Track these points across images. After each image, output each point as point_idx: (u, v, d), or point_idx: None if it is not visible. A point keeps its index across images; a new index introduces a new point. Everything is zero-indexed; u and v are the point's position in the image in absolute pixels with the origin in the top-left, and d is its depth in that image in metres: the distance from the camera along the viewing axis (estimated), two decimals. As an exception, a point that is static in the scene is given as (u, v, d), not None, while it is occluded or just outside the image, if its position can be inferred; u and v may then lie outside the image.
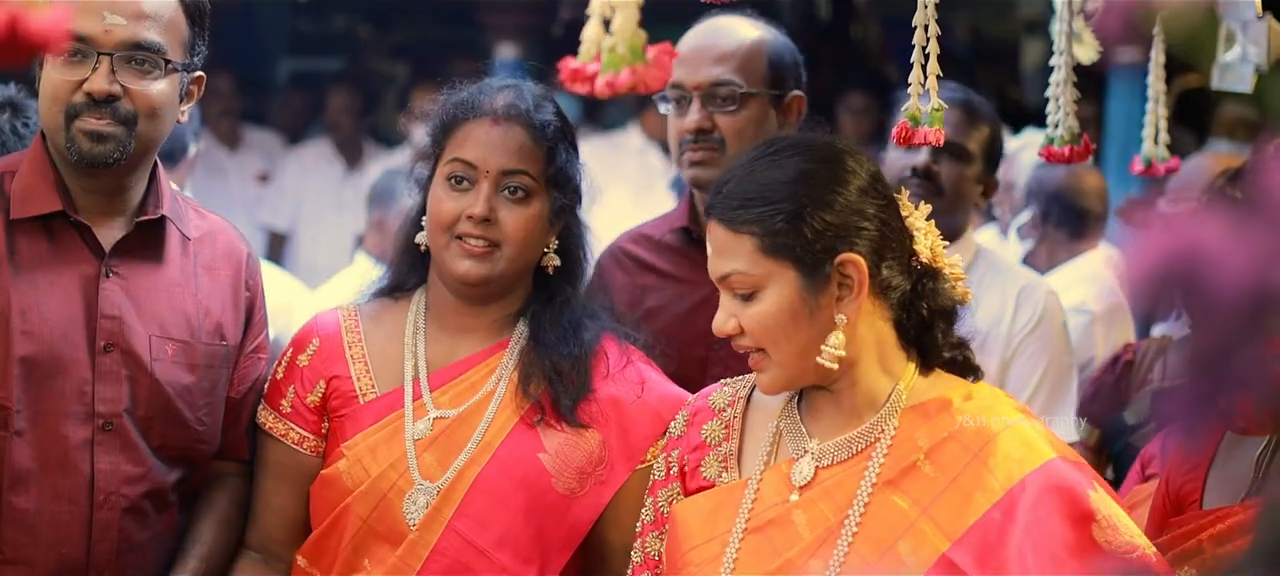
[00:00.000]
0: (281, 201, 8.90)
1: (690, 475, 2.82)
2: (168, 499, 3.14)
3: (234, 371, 3.22)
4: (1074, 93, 3.37)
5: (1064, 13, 3.32)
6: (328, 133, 9.11)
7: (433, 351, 3.13)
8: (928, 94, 2.93)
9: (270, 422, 3.17)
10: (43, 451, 3.00)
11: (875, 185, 2.67)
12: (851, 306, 2.61)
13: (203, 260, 3.20)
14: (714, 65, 3.66)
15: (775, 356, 2.63)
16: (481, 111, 3.06)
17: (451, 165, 3.05)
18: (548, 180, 3.06)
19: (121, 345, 3.05)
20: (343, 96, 9.10)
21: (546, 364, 3.07)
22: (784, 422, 2.75)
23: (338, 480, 3.06)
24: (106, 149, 2.99)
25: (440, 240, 3.06)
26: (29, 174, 3.06)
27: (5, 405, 2.98)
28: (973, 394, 2.68)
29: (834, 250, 2.60)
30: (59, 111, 3.00)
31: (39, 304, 3.01)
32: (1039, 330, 4.06)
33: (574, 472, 3.03)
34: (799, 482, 2.66)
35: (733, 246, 2.63)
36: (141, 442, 3.08)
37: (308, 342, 3.18)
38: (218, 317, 3.19)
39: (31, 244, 3.03)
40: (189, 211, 3.25)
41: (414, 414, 3.07)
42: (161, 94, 3.04)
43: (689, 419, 2.88)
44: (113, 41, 2.98)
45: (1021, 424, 2.63)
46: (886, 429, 2.64)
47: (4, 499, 2.98)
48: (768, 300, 2.61)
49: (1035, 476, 2.54)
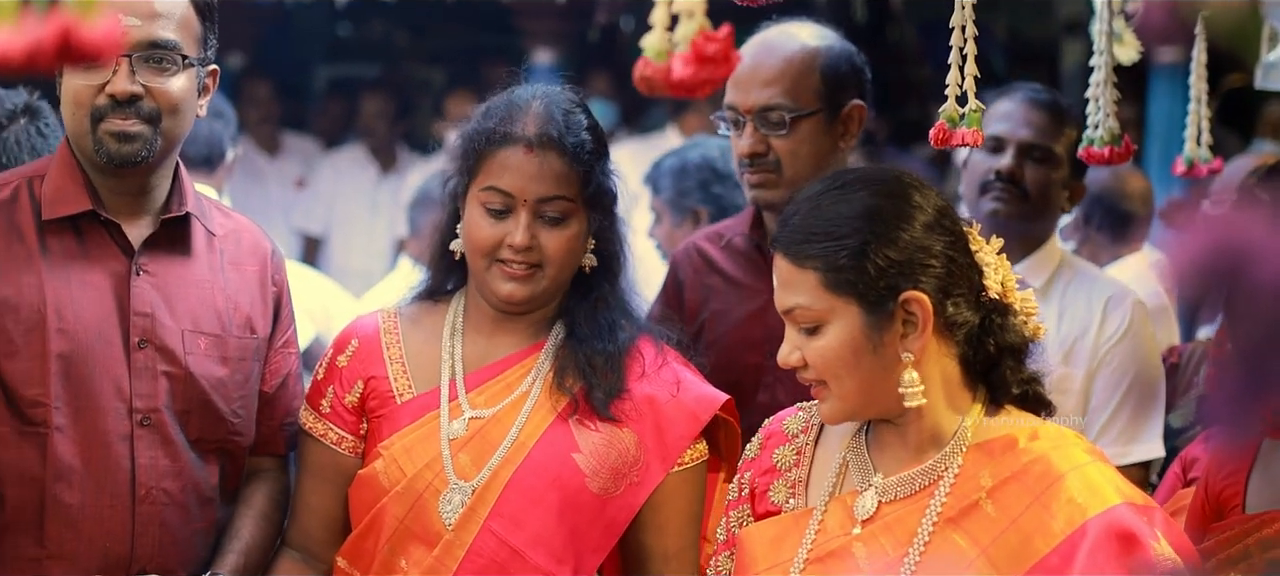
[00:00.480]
0: (316, 206, 8.94)
1: (759, 498, 2.81)
2: (207, 493, 3.17)
3: (265, 365, 3.26)
4: (1114, 93, 3.35)
5: (1104, 13, 3.30)
6: (362, 138, 9.14)
7: (469, 352, 3.14)
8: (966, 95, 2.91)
9: (310, 422, 3.19)
10: (84, 447, 3.03)
11: (942, 220, 2.62)
12: (916, 343, 2.56)
13: (229, 256, 3.24)
14: (764, 88, 3.61)
15: (836, 390, 2.60)
16: (514, 139, 3.04)
17: (488, 194, 3.05)
18: (585, 201, 3.06)
19: (155, 341, 3.09)
20: (377, 102, 9.13)
21: (581, 358, 3.08)
22: (850, 454, 2.72)
23: (374, 480, 3.08)
24: (134, 148, 3.03)
25: (480, 264, 3.07)
26: (58, 176, 3.10)
27: (44, 402, 3.01)
28: (1040, 433, 2.61)
29: (898, 288, 2.55)
30: (84, 116, 3.04)
31: (73, 302, 3.04)
32: (1126, 340, 3.95)
33: (609, 472, 3.03)
34: (861, 516, 2.63)
35: (797, 280, 2.60)
36: (179, 437, 3.11)
37: (347, 343, 3.20)
38: (247, 311, 3.22)
39: (63, 244, 3.07)
40: (212, 210, 3.30)
41: (450, 414, 3.08)
42: (181, 90, 3.08)
43: (763, 442, 2.86)
44: (130, 42, 3.02)
45: (1089, 466, 2.56)
46: (950, 466, 2.59)
47: (48, 494, 3.02)
48: (830, 335, 2.57)
49: (1097, 522, 2.47)
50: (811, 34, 3.70)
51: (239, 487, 3.29)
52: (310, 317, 5.60)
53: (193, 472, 3.14)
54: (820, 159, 3.55)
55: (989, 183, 4.01)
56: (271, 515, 3.29)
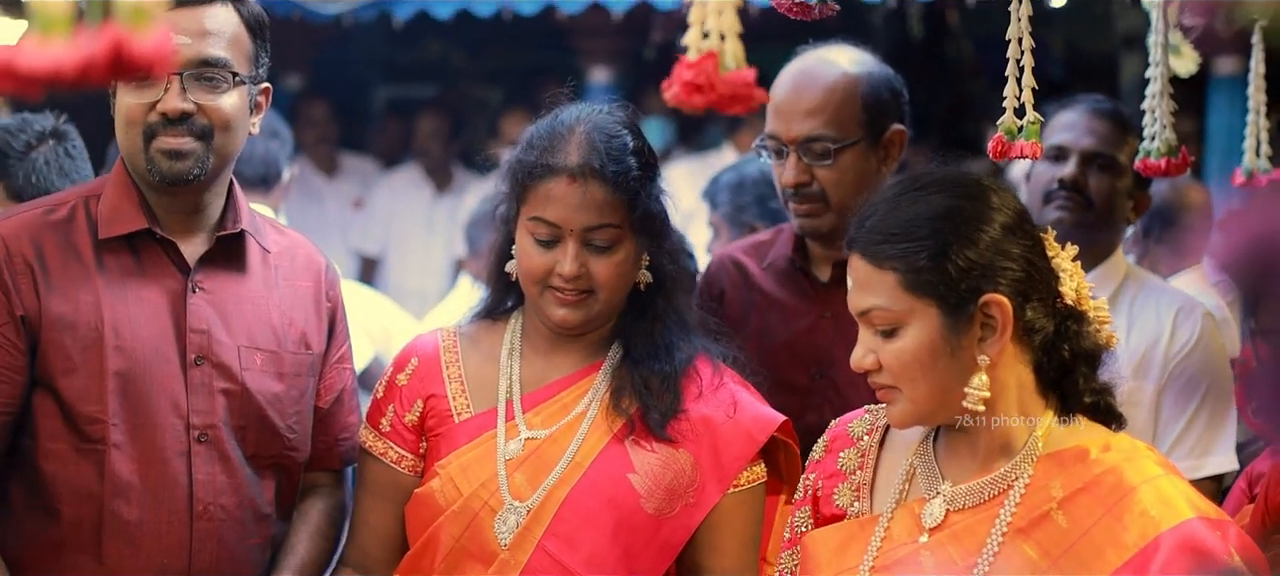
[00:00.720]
0: (372, 226, 8.97)
1: (823, 500, 2.79)
2: (263, 509, 3.19)
3: (320, 381, 3.28)
4: (1171, 105, 3.33)
5: (1159, 24, 3.28)
6: (418, 158, 9.18)
7: (527, 372, 3.14)
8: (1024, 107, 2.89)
9: (371, 441, 3.19)
10: (142, 464, 3.06)
11: (1021, 224, 2.60)
12: (994, 348, 2.54)
13: (283, 272, 3.26)
14: (806, 119, 3.58)
15: (909, 393, 2.57)
16: (556, 169, 3.02)
17: (535, 224, 3.04)
18: (633, 226, 3.04)
19: (211, 358, 3.11)
20: (432, 122, 9.17)
21: (637, 379, 3.07)
22: (918, 460, 2.69)
23: (431, 499, 3.08)
24: (186, 165, 3.06)
25: (533, 290, 3.07)
26: (113, 195, 3.13)
27: (102, 419, 3.03)
28: (1112, 444, 2.58)
29: (979, 290, 2.53)
30: (136, 134, 3.07)
31: (130, 320, 3.07)
32: (1197, 352, 3.90)
33: (663, 492, 3.02)
34: (929, 524, 2.60)
35: (875, 282, 2.57)
36: (236, 453, 3.14)
37: (407, 362, 3.20)
38: (302, 327, 3.25)
39: (119, 262, 3.10)
40: (267, 227, 3.32)
41: (506, 434, 3.08)
42: (233, 106, 3.10)
43: (828, 444, 2.84)
44: (180, 61, 3.04)
45: (1161, 479, 2.52)
46: (1021, 475, 2.56)
47: (106, 510, 3.04)
48: (908, 337, 2.54)
49: (1170, 536, 2.43)
50: (851, 60, 3.68)
51: (294, 503, 3.30)
52: (369, 337, 5.63)
53: (249, 488, 3.16)
54: (864, 185, 3.51)
55: (1052, 192, 3.97)
56: (326, 531, 3.32)
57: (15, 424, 3.05)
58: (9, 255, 3.04)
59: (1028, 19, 2.88)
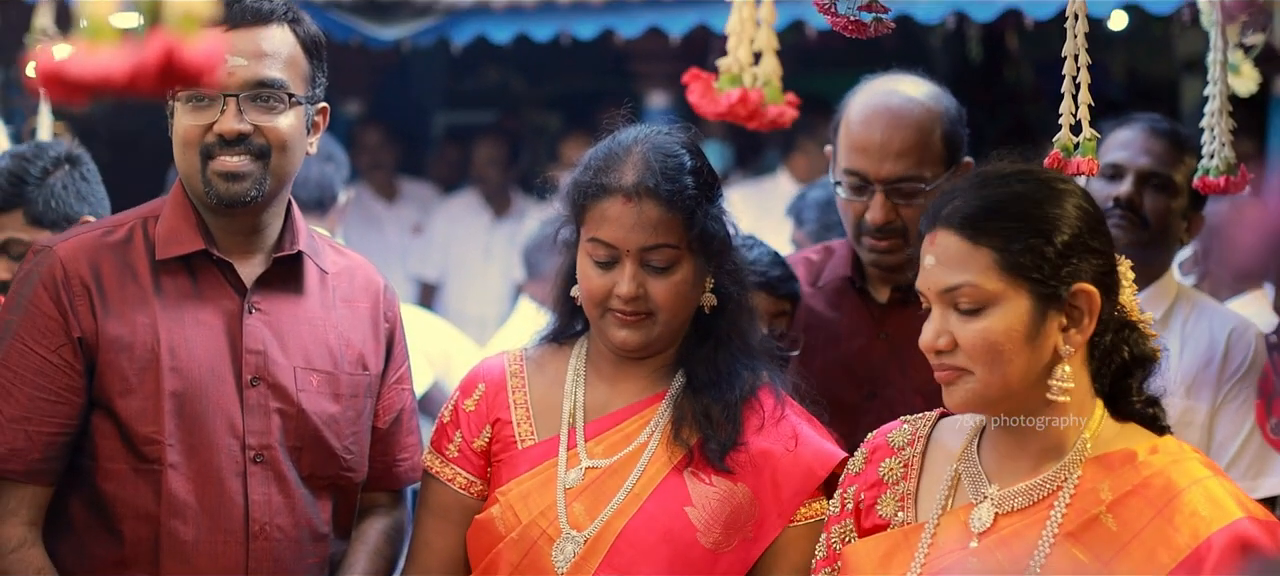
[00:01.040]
0: (431, 252, 9.01)
1: (865, 513, 2.77)
2: (320, 529, 3.20)
3: (378, 402, 3.28)
4: (1230, 122, 3.30)
5: (1218, 42, 3.26)
6: (476, 184, 9.21)
7: (591, 399, 3.12)
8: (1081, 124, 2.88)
9: (437, 467, 3.18)
10: (198, 484, 3.07)
11: (1102, 221, 2.62)
12: (1078, 338, 2.54)
13: (341, 293, 3.27)
14: (898, 160, 3.55)
15: (982, 376, 2.54)
16: (612, 189, 3.02)
17: (593, 245, 3.03)
18: (690, 245, 3.02)
19: (267, 378, 3.12)
20: (489, 148, 9.20)
21: (698, 410, 3.04)
22: (963, 466, 2.68)
23: (491, 525, 3.07)
24: (243, 187, 3.07)
25: (594, 312, 3.06)
26: (171, 216, 3.15)
27: (158, 439, 3.05)
28: (1160, 447, 2.58)
29: (1073, 278, 2.53)
30: (194, 155, 3.08)
31: (186, 341, 3.09)
32: (1252, 373, 3.88)
33: (721, 526, 2.99)
34: (978, 529, 2.59)
35: (968, 259, 2.54)
36: (292, 473, 3.14)
37: (474, 387, 3.20)
38: (359, 348, 3.25)
39: (176, 283, 3.12)
40: (325, 248, 3.33)
41: (567, 462, 3.06)
42: (290, 127, 3.11)
43: (868, 455, 2.83)
44: (237, 82, 3.06)
45: (1210, 480, 2.52)
46: (1070, 477, 2.56)
47: (163, 530, 3.06)
48: (995, 318, 2.52)
49: (1221, 536, 2.44)
50: (927, 94, 3.66)
51: (352, 524, 3.31)
52: (429, 362, 5.64)
53: (305, 508, 3.17)
54: None
55: (1107, 210, 3.95)
56: (384, 551, 3.32)
57: (74, 444, 3.08)
58: (66, 277, 3.07)
59: (1084, 36, 2.87)
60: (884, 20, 2.87)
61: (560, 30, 8.37)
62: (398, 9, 8.64)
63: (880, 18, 2.86)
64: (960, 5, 7.44)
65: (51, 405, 3.04)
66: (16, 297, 3.10)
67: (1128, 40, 9.03)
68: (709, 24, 7.74)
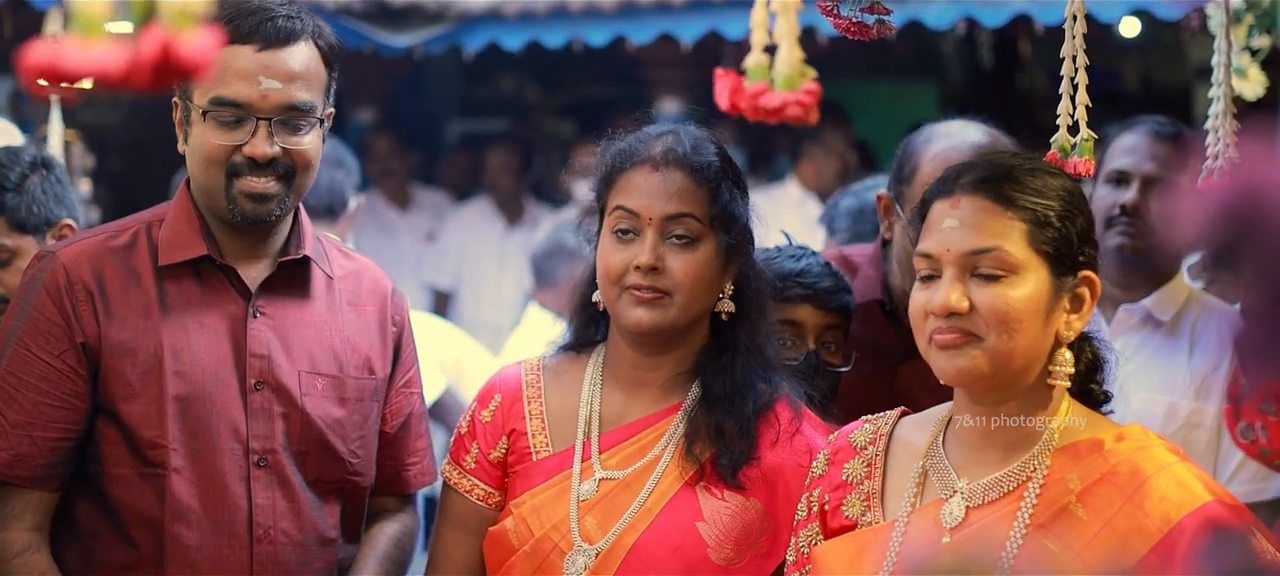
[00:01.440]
0: (444, 260, 9.02)
1: (831, 514, 2.77)
2: (326, 534, 3.20)
3: (386, 405, 3.29)
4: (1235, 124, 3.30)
5: (1222, 44, 3.26)
6: (489, 192, 9.22)
7: (607, 408, 3.10)
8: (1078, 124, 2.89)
9: (455, 478, 3.17)
10: (201, 488, 3.07)
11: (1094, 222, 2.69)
12: (1078, 325, 2.59)
13: (348, 297, 3.27)
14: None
15: (995, 343, 2.54)
16: (640, 159, 3.03)
17: (615, 215, 3.02)
18: (713, 221, 3.01)
19: (271, 382, 3.12)
20: (503, 155, 9.21)
21: (712, 424, 3.02)
22: (930, 462, 2.68)
23: (504, 537, 3.07)
24: (268, 208, 3.09)
25: (611, 293, 3.03)
26: (175, 221, 3.15)
27: (161, 443, 3.05)
28: (1125, 435, 2.60)
29: (1088, 263, 2.60)
30: (218, 173, 3.08)
31: (190, 345, 3.09)
32: None
33: (732, 542, 2.98)
34: (950, 524, 2.60)
35: (999, 225, 2.56)
36: (297, 477, 3.14)
37: (490, 398, 3.19)
38: (366, 352, 3.25)
39: (180, 288, 3.12)
40: (332, 252, 3.33)
41: (581, 474, 3.05)
42: (313, 145, 3.13)
43: (830, 457, 2.82)
44: (270, 105, 3.06)
45: (1176, 465, 2.55)
46: (1038, 468, 2.57)
47: (167, 534, 3.06)
48: (1016, 287, 2.54)
49: (1192, 519, 2.46)
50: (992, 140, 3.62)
51: (361, 528, 3.31)
52: (442, 369, 5.65)
53: (311, 513, 3.17)
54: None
55: (1114, 217, 3.97)
56: (394, 556, 3.32)
57: (80, 449, 3.09)
58: (69, 282, 3.08)
59: (1082, 37, 2.89)
60: (886, 21, 2.88)
61: (572, 37, 8.39)
62: (410, 16, 8.67)
63: (882, 19, 2.87)
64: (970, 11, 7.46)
65: (55, 410, 3.05)
66: (20, 303, 3.11)
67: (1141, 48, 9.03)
68: (720, 30, 7.76)
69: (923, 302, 2.60)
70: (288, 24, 3.09)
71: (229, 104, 3.05)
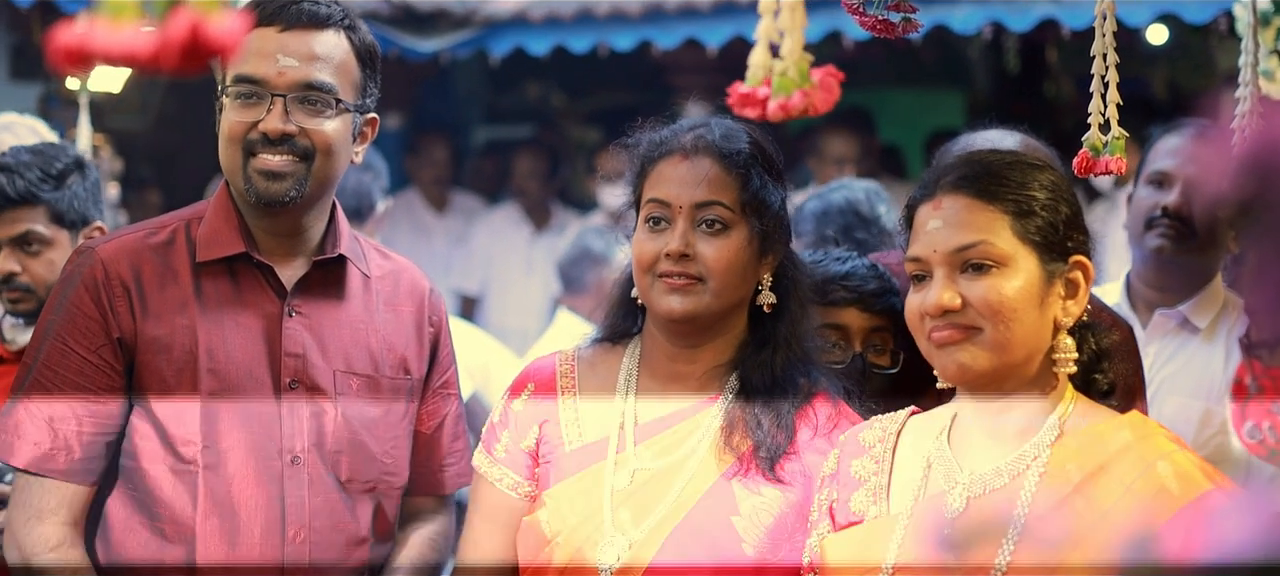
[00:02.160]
0: (472, 265, 9.03)
1: (839, 509, 2.78)
2: (359, 533, 3.20)
3: (422, 406, 3.29)
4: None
5: (1249, 44, 3.26)
6: (516, 197, 9.23)
7: (643, 400, 3.10)
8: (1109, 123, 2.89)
9: (485, 467, 3.17)
10: (233, 486, 3.08)
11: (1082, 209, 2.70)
12: (1075, 310, 2.59)
13: (385, 297, 3.27)
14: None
15: (992, 336, 2.55)
16: (671, 149, 3.03)
17: (649, 206, 3.03)
18: (744, 207, 3.00)
19: (306, 381, 3.13)
20: (530, 161, 9.23)
21: (750, 416, 3.01)
22: (934, 454, 2.70)
23: (537, 528, 3.06)
24: (283, 187, 3.08)
25: (645, 282, 3.03)
26: (214, 219, 3.16)
27: (193, 441, 3.07)
28: (1125, 424, 2.61)
29: (1077, 249, 2.60)
30: (237, 151, 3.10)
31: (225, 343, 3.10)
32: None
33: (768, 536, 2.96)
34: (952, 514, 2.61)
35: (981, 219, 2.58)
36: (329, 476, 3.15)
37: (523, 387, 3.19)
38: (402, 352, 3.25)
39: (216, 285, 3.13)
40: (370, 251, 3.33)
41: (616, 465, 3.05)
42: (335, 131, 3.12)
43: (840, 456, 2.83)
44: (286, 82, 3.07)
45: (1177, 454, 2.54)
46: (1039, 457, 2.58)
47: (199, 531, 3.07)
48: (1006, 277, 2.56)
49: (1192, 508, 2.45)
50: (1024, 146, 3.60)
51: (395, 528, 3.31)
52: (469, 374, 5.65)
53: (343, 512, 3.17)
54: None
55: (1155, 218, 3.97)
56: (428, 556, 3.32)
57: (116, 444, 3.10)
58: (107, 278, 3.09)
59: (1113, 34, 2.88)
60: (912, 20, 2.88)
61: (598, 42, 8.40)
62: (436, 21, 8.68)
63: (908, 17, 2.88)
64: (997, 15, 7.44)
65: (91, 405, 3.07)
66: (59, 298, 3.13)
67: (1168, 55, 9.02)
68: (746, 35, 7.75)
69: (917, 305, 2.62)
70: (314, 9, 3.11)
71: (247, 80, 3.07)
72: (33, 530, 3.07)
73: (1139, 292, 4.16)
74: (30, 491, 3.09)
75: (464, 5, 8.83)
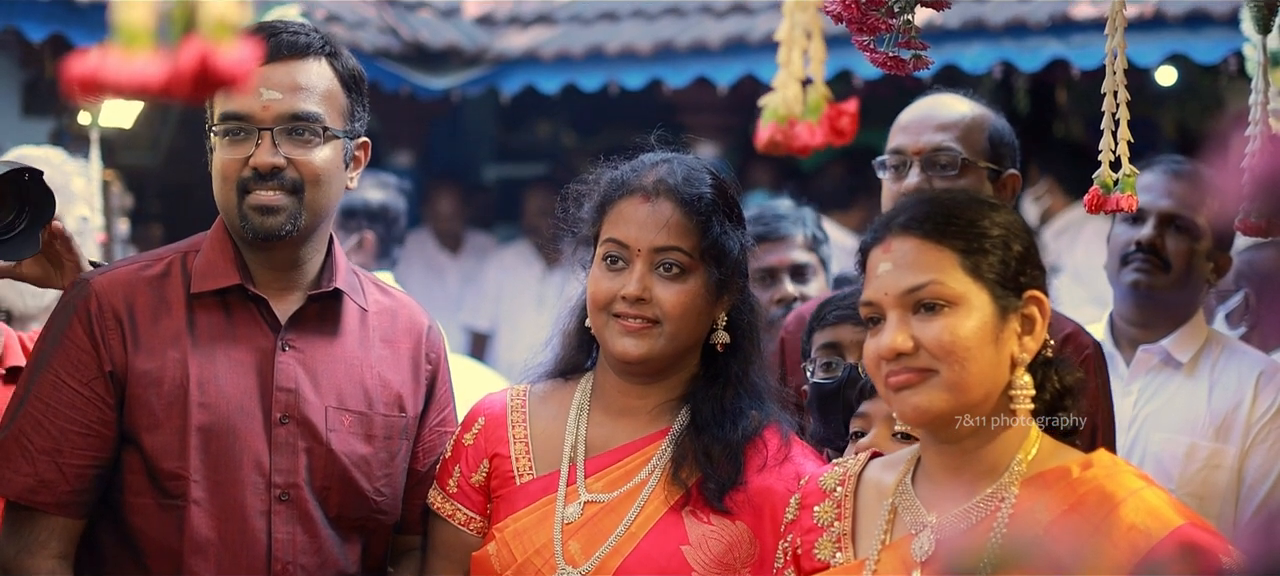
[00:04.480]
0: (483, 302, 9.03)
1: (804, 557, 2.75)
2: (347, 570, 3.17)
3: (418, 444, 3.27)
4: (1272, 163, 3.30)
5: (1259, 83, 3.26)
6: (527, 235, 9.24)
7: (594, 434, 3.09)
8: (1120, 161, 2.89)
9: (438, 503, 3.17)
10: (221, 521, 3.05)
11: (1037, 243, 2.68)
12: (1032, 345, 2.55)
13: (382, 333, 3.25)
14: (936, 132, 3.67)
15: (948, 377, 2.52)
16: (632, 189, 3.03)
17: (607, 245, 3.02)
18: (703, 254, 2.99)
19: (297, 417, 3.10)
20: (541, 198, 9.25)
21: (699, 448, 3.01)
22: (899, 499, 2.66)
23: (487, 563, 3.06)
24: (278, 221, 3.07)
25: (599, 320, 3.03)
26: (210, 251, 3.15)
27: (183, 475, 3.04)
28: (1093, 462, 2.57)
29: (1030, 284, 2.57)
30: (231, 189, 3.08)
31: (216, 376, 3.08)
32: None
33: (718, 566, 2.97)
34: (920, 558, 2.58)
35: (932, 259, 2.55)
36: (318, 513, 3.12)
37: (474, 422, 3.18)
38: (397, 389, 3.23)
39: (210, 318, 3.11)
40: (369, 286, 3.30)
41: (566, 498, 3.04)
42: (325, 161, 3.11)
43: (801, 501, 2.80)
44: (271, 116, 3.06)
45: (1145, 491, 2.51)
46: (1006, 499, 2.54)
47: (185, 567, 3.04)
48: (958, 316, 2.52)
49: (1165, 543, 2.42)
50: (975, 102, 3.82)
51: (384, 565, 3.29)
52: (469, 409, 5.65)
53: (331, 549, 3.14)
54: None
55: (1130, 253, 3.98)
56: None
57: (106, 477, 3.08)
58: (100, 310, 3.07)
59: (1123, 71, 2.89)
60: (923, 56, 2.88)
61: (609, 80, 8.42)
62: (447, 59, 8.71)
63: (919, 55, 2.88)
64: (1007, 55, 7.45)
65: (82, 438, 3.05)
66: (53, 329, 3.11)
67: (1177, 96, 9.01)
68: (756, 74, 7.77)
69: (873, 350, 2.59)
70: (293, 39, 3.10)
71: (233, 117, 3.07)
72: (23, 563, 3.04)
73: (1122, 330, 4.16)
74: (20, 524, 3.06)
75: (475, 44, 8.86)
